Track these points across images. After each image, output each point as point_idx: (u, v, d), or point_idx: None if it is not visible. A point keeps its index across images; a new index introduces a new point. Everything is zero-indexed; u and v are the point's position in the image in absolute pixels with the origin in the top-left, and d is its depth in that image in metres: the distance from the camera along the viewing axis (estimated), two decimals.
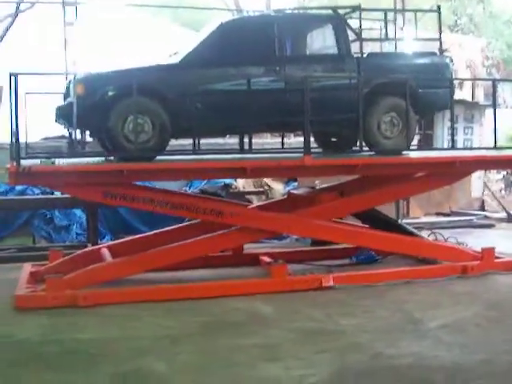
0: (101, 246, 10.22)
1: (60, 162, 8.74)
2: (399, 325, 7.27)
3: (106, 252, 9.53)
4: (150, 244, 9.47)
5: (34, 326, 7.40)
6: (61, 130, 13.14)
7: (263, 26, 9.59)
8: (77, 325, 7.43)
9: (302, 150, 9.09)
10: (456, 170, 9.93)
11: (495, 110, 10.27)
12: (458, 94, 19.29)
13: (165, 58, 9.95)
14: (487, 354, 6.19)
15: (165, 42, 26.72)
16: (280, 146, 11.33)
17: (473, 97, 21.24)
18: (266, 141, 13.84)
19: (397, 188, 10.06)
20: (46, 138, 15.59)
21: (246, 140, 10.24)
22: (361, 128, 9.28)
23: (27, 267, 9.73)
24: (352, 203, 9.87)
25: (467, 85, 21.14)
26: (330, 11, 10.18)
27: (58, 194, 12.08)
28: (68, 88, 9.12)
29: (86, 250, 10.33)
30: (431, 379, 5.62)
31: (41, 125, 12.35)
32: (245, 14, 24.98)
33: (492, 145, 10.33)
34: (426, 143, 17.61)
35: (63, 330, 7.25)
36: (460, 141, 19.00)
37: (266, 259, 9.74)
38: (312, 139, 10.06)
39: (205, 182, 13.39)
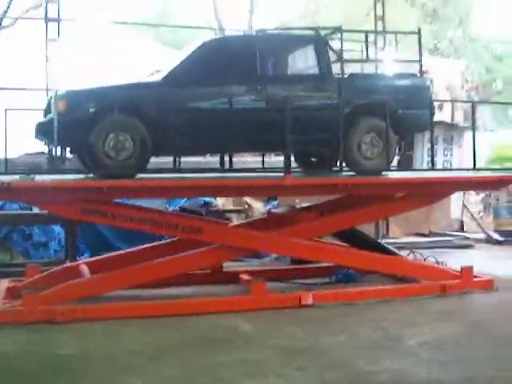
0: (79, 262, 10.14)
1: (39, 178, 8.69)
2: (379, 342, 7.25)
3: (84, 268, 9.43)
4: (129, 261, 9.40)
5: (11, 341, 7.32)
6: (41, 146, 13.08)
7: (245, 45, 9.65)
8: (54, 341, 7.35)
9: (282, 169, 9.11)
10: (436, 191, 10.01)
11: (474, 132, 10.37)
12: (438, 116, 19.39)
13: (146, 76, 9.96)
14: (467, 372, 6.19)
15: (147, 61, 26.75)
16: (260, 165, 11.37)
17: (452, 118, 21.39)
18: (247, 159, 13.83)
19: (377, 208, 10.09)
20: (26, 154, 15.50)
21: (227, 158, 10.25)
22: (341, 148, 9.31)
23: (4, 283, 9.62)
24: (332, 223, 9.88)
25: (447, 106, 21.30)
26: (311, 32, 10.25)
27: (36, 210, 11.98)
28: (49, 104, 9.09)
29: (65, 265, 10.24)
30: None
31: (21, 140, 12.27)
32: (227, 34, 25.22)
33: (471, 166, 10.42)
34: (406, 164, 17.69)
35: (41, 346, 7.17)
36: (439, 162, 19.09)
37: (246, 277, 9.70)
38: (292, 159, 10.08)
39: (185, 199, 13.35)
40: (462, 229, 17.94)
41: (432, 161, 10.25)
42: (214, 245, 9.20)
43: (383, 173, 9.86)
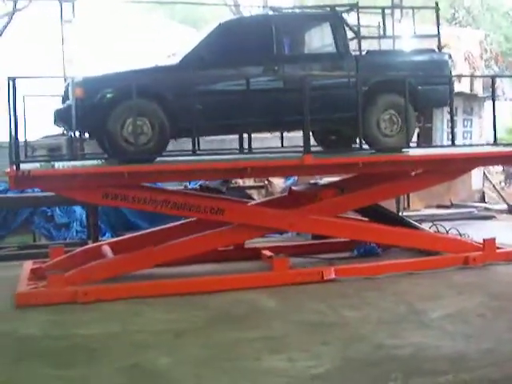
0: (102, 242, 10.19)
1: (59, 164, 8.73)
2: (402, 316, 7.26)
3: (107, 249, 9.50)
4: (151, 241, 9.44)
5: (36, 322, 7.39)
6: (60, 129, 13.14)
7: (261, 25, 9.57)
8: (79, 321, 7.42)
9: (301, 147, 9.08)
10: (456, 167, 9.95)
11: (494, 106, 10.23)
12: (457, 87, 19.25)
13: (163, 58, 9.93)
14: (491, 344, 6.19)
15: (162, 39, 26.75)
16: (279, 142, 11.33)
17: (471, 89, 21.23)
18: (265, 136, 13.77)
19: (398, 184, 10.06)
20: (46, 137, 15.59)
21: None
22: (360, 126, 9.27)
23: (28, 264, 9.71)
24: (353, 199, 9.82)
25: (466, 77, 21.12)
26: (327, 9, 10.16)
27: None
28: (66, 91, 9.09)
29: (88, 246, 10.32)
30: (435, 369, 5.60)
31: (40, 123, 12.34)
32: (242, 12, 25.13)
33: (491, 137, 10.31)
34: (426, 137, 17.60)
35: (65, 326, 7.24)
36: (459, 133, 18.97)
37: (268, 253, 9.73)
38: (312, 137, 10.04)
39: None
40: (483, 200, 17.86)
41: (452, 137, 10.09)
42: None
43: (403, 150, 9.78)
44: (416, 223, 10.85)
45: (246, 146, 10.00)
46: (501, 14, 35.50)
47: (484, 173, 18.65)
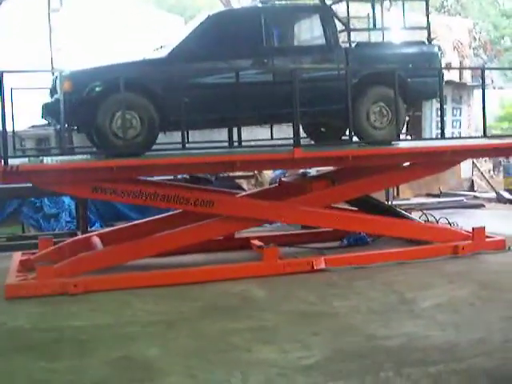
0: (91, 234, 10.15)
1: (48, 159, 8.67)
2: (392, 305, 7.26)
3: (96, 240, 9.47)
4: (141, 232, 9.43)
5: (25, 314, 7.36)
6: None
7: (250, 17, 9.53)
8: (68, 312, 7.38)
9: (291, 139, 9.04)
10: (446, 159, 9.96)
11: (484, 98, 10.23)
12: (446, 75, 19.25)
13: (151, 50, 9.86)
14: (481, 333, 6.20)
15: (150, 29, 26.59)
16: (269, 132, 11.29)
17: (460, 78, 21.25)
18: (254, 128, 13.74)
19: (388, 176, 10.06)
20: (33, 126, 15.49)
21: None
22: (350, 119, 9.24)
23: (17, 256, 9.67)
24: (344, 191, 9.82)
25: (455, 65, 21.14)
26: (317, 1, 10.12)
27: None
28: (54, 84, 9.02)
29: (77, 238, 10.27)
30: (426, 359, 5.60)
31: (28, 112, 12.26)
32: (232, 1, 24.98)
33: (481, 126, 10.33)
34: (415, 126, 17.60)
35: (54, 318, 7.20)
36: (448, 122, 19.00)
37: (258, 243, 9.72)
38: (301, 130, 10.01)
39: None
40: (472, 188, 17.92)
41: (442, 129, 10.02)
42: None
43: (393, 142, 9.78)
44: (405, 213, 10.85)
45: (235, 137, 9.99)
46: (489, 2, 35.60)
47: (473, 162, 18.69)
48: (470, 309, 7.06)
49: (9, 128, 8.39)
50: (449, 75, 20.18)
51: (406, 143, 10.20)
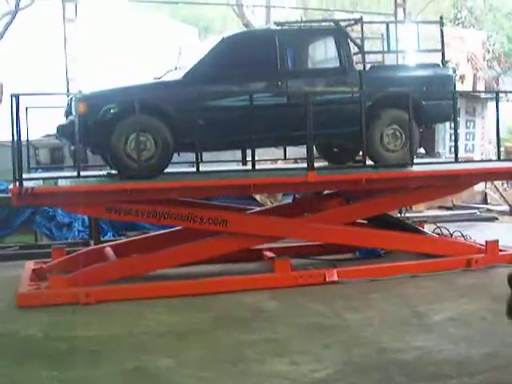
0: (104, 245, 10.16)
1: (63, 181, 8.74)
2: (404, 319, 7.24)
3: (109, 251, 9.50)
4: (154, 244, 9.45)
5: (38, 323, 7.37)
6: (61, 121, 13.11)
7: (265, 40, 9.57)
8: (80, 322, 7.41)
9: (305, 159, 9.06)
10: (460, 182, 9.97)
11: (498, 120, 10.25)
12: (460, 87, 19.24)
13: (164, 71, 9.92)
14: (493, 347, 6.17)
15: (165, 39, 26.69)
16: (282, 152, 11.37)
17: (474, 89, 21.20)
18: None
19: (403, 196, 10.03)
20: (47, 135, 15.55)
21: None
22: (364, 141, 9.27)
23: (29, 265, 9.70)
24: (359, 210, 9.82)
25: (468, 78, 21.10)
26: (331, 24, 10.15)
27: None
28: (69, 105, 9.10)
29: (90, 248, 10.31)
30: (438, 373, 5.58)
31: (42, 121, 12.33)
32: (245, 12, 25.08)
33: (494, 138, 10.31)
34: (428, 140, 17.56)
35: (67, 328, 7.22)
36: (462, 134, 18.97)
37: (270, 254, 9.71)
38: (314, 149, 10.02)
39: None
40: (485, 201, 17.83)
41: (455, 152, 9.95)
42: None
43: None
44: (417, 227, 10.82)
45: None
46: (503, 14, 35.45)
47: None
48: (482, 323, 7.03)
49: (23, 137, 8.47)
50: (463, 87, 20.17)
51: (419, 167, 10.07)
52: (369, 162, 9.74)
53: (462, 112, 19.22)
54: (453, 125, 10.75)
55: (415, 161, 9.88)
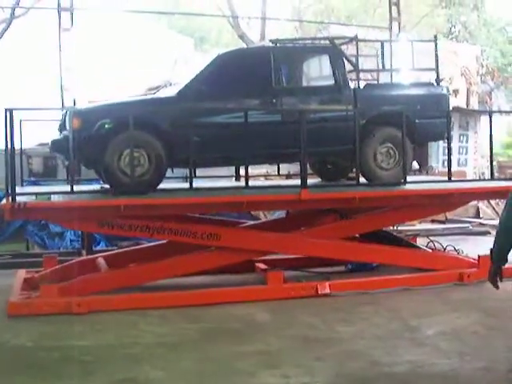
0: (97, 255, 10.11)
1: (55, 196, 8.73)
2: (396, 332, 7.24)
3: (101, 262, 9.47)
4: (147, 255, 9.43)
5: (28, 332, 7.33)
6: (55, 135, 13.10)
7: (260, 57, 9.63)
8: (71, 332, 7.37)
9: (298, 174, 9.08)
10: (453, 201, 10.03)
11: (491, 139, 10.32)
12: (453, 101, 19.30)
13: (159, 84, 9.94)
14: (486, 362, 6.15)
15: (162, 49, 26.75)
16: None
17: (467, 104, 21.31)
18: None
19: (397, 213, 9.99)
20: (40, 144, 15.53)
21: None
22: (357, 160, 9.32)
23: (21, 273, 9.67)
24: (353, 226, 9.82)
25: (462, 92, 21.20)
26: (326, 42, 10.20)
27: None
28: (63, 120, 9.11)
29: (82, 258, 10.27)
30: None
31: (35, 129, 12.33)
32: (240, 23, 25.15)
33: (487, 152, 10.34)
34: (422, 151, 17.58)
35: (57, 337, 7.19)
36: (455, 148, 19.02)
37: (262, 266, 9.70)
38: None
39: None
40: (478, 215, 17.84)
41: (449, 171, 9.93)
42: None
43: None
44: (409, 241, 10.84)
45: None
46: (497, 29, 35.68)
47: None
48: (474, 337, 7.02)
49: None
50: (456, 101, 20.24)
51: (412, 185, 10.06)
52: (362, 180, 9.74)
53: (456, 126, 19.26)
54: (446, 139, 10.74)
55: (409, 179, 9.85)
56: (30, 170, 14.11)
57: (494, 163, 16.78)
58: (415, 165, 11.10)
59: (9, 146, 8.06)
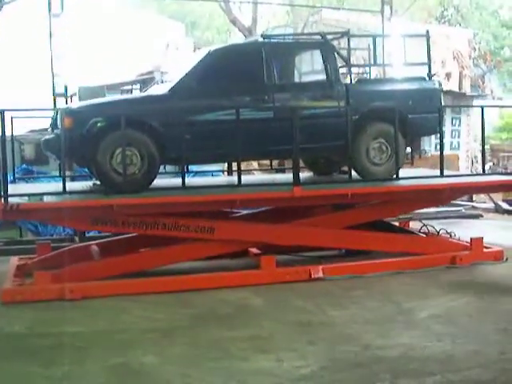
0: (90, 242, 10.08)
1: (48, 198, 8.72)
2: (389, 315, 7.27)
3: (95, 249, 9.46)
4: (140, 243, 9.41)
5: (22, 319, 7.35)
6: (46, 123, 13.07)
7: (251, 53, 9.54)
8: (64, 318, 7.38)
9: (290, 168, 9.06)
10: (445, 196, 10.09)
11: (483, 134, 10.40)
12: (446, 85, 19.31)
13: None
14: (478, 345, 6.20)
15: (151, 34, 26.66)
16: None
17: (460, 87, 21.32)
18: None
19: (390, 206, 9.93)
20: (32, 131, 15.49)
21: None
22: (350, 155, 9.34)
23: (14, 260, 9.66)
24: (345, 217, 9.75)
25: (454, 76, 21.21)
26: (318, 37, 10.16)
27: None
28: (55, 119, 9.09)
29: (76, 245, 10.25)
30: (422, 370, 5.60)
31: (27, 118, 12.29)
32: (231, 8, 25.04)
33: (479, 135, 10.35)
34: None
35: (51, 324, 7.21)
36: (448, 131, 19.04)
37: (255, 251, 9.70)
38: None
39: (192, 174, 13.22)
40: (470, 198, 17.87)
41: (441, 167, 9.79)
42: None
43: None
44: (401, 227, 10.88)
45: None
46: (489, 12, 35.68)
47: (471, 171, 18.68)
48: (466, 320, 7.06)
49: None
50: (449, 85, 20.25)
51: (405, 181, 9.92)
52: (354, 175, 9.72)
53: (448, 110, 19.28)
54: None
55: (401, 172, 9.81)
56: (22, 157, 14.06)
57: (487, 146, 16.82)
58: (407, 149, 11.04)
59: (0, 147, 7.98)
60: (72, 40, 17.64)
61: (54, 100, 12.79)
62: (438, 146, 10.55)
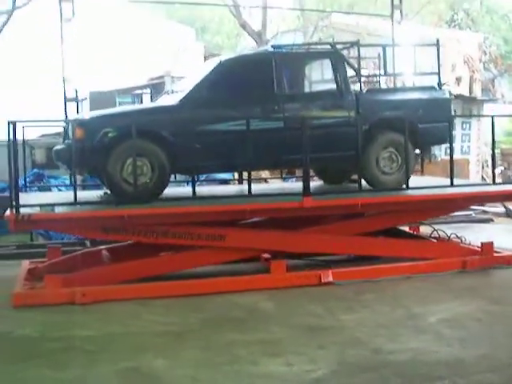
0: (101, 247, 10.11)
1: (59, 208, 8.75)
2: (399, 320, 7.26)
3: (105, 254, 9.50)
4: (150, 249, 9.42)
5: (33, 322, 7.38)
6: (57, 128, 13.15)
7: (261, 64, 9.56)
8: (76, 322, 7.41)
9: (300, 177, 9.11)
10: (455, 205, 10.19)
11: (494, 144, 10.38)
12: (456, 89, 19.29)
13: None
14: (488, 349, 6.20)
15: (161, 39, 26.72)
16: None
17: (470, 92, 21.26)
18: None
19: (401, 215, 9.94)
20: (43, 135, 15.58)
21: None
22: (360, 165, 9.34)
23: (25, 264, 9.70)
24: (356, 225, 9.74)
25: (465, 80, 21.17)
26: (328, 46, 10.18)
27: None
28: (66, 129, 9.17)
29: (87, 250, 10.28)
30: (432, 374, 5.60)
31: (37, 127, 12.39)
32: (242, 13, 25.08)
33: (489, 140, 10.32)
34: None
35: (62, 327, 7.23)
36: (458, 136, 19.00)
37: (265, 255, 9.70)
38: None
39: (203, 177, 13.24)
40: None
41: (451, 176, 9.79)
42: None
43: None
44: (411, 232, 10.86)
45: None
46: (500, 16, 35.60)
47: (482, 176, 18.65)
48: (476, 324, 7.05)
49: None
50: (459, 89, 20.20)
51: (415, 190, 9.81)
52: (364, 184, 9.74)
53: (458, 114, 19.23)
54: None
55: (411, 181, 9.75)
56: (32, 161, 14.13)
57: (497, 151, 16.76)
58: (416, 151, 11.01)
59: (11, 157, 8.05)
60: (83, 45, 17.72)
61: (65, 106, 12.82)
62: (448, 150, 10.52)
